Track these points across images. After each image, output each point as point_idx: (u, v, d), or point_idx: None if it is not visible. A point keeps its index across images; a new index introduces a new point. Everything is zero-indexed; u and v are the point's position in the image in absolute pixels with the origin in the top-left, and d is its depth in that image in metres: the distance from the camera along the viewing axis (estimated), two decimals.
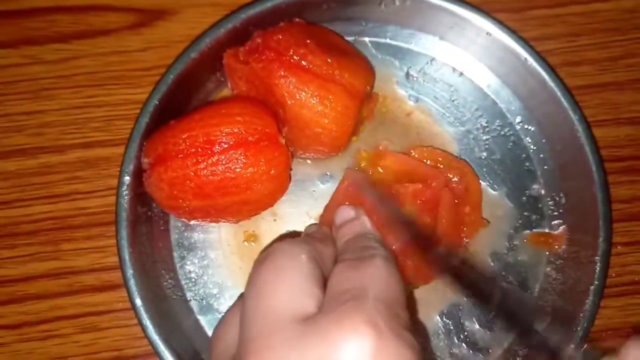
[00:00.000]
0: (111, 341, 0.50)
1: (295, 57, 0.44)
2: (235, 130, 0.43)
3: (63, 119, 0.52)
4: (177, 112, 0.47)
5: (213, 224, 0.50)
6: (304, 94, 0.44)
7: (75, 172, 0.51)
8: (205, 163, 0.43)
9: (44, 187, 0.51)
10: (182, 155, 0.43)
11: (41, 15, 0.53)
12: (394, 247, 0.45)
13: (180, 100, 0.50)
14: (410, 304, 0.49)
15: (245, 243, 0.50)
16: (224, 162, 0.43)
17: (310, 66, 0.44)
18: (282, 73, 0.44)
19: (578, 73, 0.54)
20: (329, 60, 0.45)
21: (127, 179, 0.46)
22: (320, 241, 0.40)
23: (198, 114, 0.45)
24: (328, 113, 0.45)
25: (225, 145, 0.43)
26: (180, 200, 0.44)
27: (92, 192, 0.51)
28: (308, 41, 0.45)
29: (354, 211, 0.44)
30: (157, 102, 0.47)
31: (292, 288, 0.33)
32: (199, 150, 0.43)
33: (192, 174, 0.43)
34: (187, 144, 0.43)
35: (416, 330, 0.43)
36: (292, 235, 0.50)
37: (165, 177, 0.43)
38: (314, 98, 0.44)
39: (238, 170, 0.43)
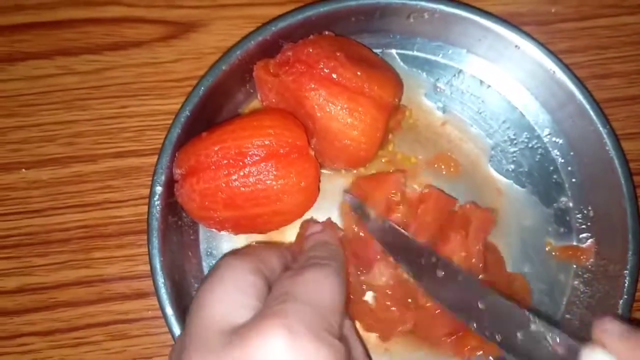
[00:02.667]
0: (141, 349, 0.50)
1: (325, 70, 0.45)
2: (267, 143, 0.43)
3: (95, 129, 0.52)
4: (208, 123, 0.48)
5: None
6: (333, 106, 0.44)
7: (107, 181, 0.52)
8: (236, 175, 0.43)
9: (76, 195, 0.51)
10: (214, 167, 0.43)
11: (75, 27, 0.53)
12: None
13: (211, 111, 0.50)
14: None
15: None
16: (255, 174, 0.43)
17: (340, 79, 0.45)
18: (312, 86, 0.44)
19: (606, 86, 0.54)
20: (359, 73, 0.45)
21: (158, 189, 0.46)
22: (271, 254, 0.40)
23: (230, 125, 0.45)
24: (357, 125, 0.45)
25: (257, 158, 0.43)
26: (212, 211, 0.44)
27: (124, 201, 0.51)
28: (338, 54, 0.45)
29: (321, 225, 0.46)
30: (188, 113, 0.47)
31: (227, 299, 0.35)
32: (231, 161, 0.43)
33: (224, 185, 0.43)
34: (219, 155, 0.43)
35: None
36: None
37: (198, 188, 0.44)
38: (344, 110, 0.45)
39: (269, 182, 0.43)
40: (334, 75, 0.45)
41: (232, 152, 0.43)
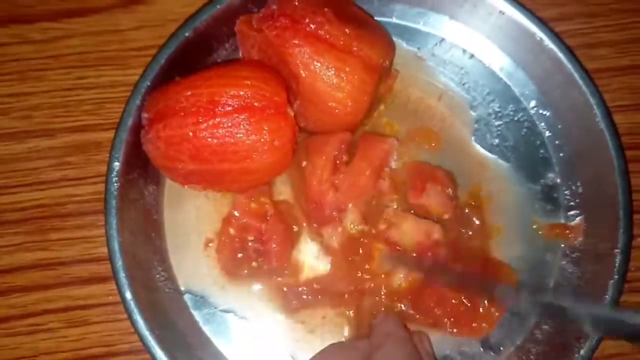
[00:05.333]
0: (102, 336, 0.47)
1: (311, 26, 0.42)
2: (242, 94, 0.40)
3: (52, 102, 0.49)
4: None
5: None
6: (318, 65, 0.42)
7: (65, 157, 0.48)
8: (205, 124, 0.40)
9: (32, 173, 0.48)
10: (183, 114, 0.40)
11: None
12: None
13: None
14: None
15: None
16: (225, 126, 0.40)
17: (327, 36, 0.42)
18: (297, 42, 0.41)
19: (595, 56, 0.51)
20: (347, 30, 0.42)
21: (116, 165, 0.43)
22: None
23: (206, 72, 0.42)
24: (343, 87, 0.42)
25: (229, 108, 0.40)
26: (177, 162, 0.42)
27: (82, 178, 0.48)
28: (326, 9, 0.42)
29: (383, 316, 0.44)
30: (149, 84, 0.44)
31: None
32: (201, 109, 0.40)
33: (191, 134, 0.40)
34: (190, 102, 0.40)
35: None
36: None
37: (163, 135, 0.41)
38: (329, 70, 0.42)
39: (239, 136, 0.40)
40: (321, 32, 0.42)
41: (204, 100, 0.40)
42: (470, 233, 0.47)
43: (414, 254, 0.45)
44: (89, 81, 0.49)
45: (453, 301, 0.44)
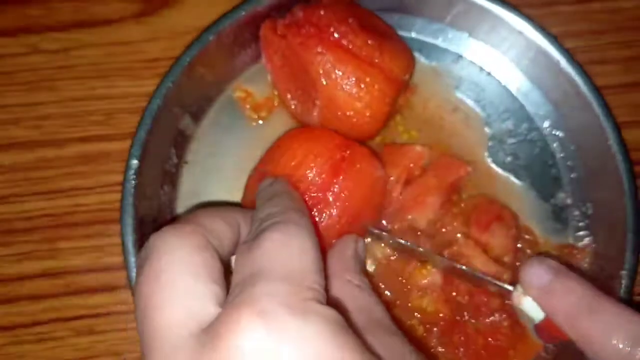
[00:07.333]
0: (109, 345, 0.48)
1: (335, 35, 0.43)
2: None
3: (62, 112, 0.50)
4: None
5: None
6: (340, 74, 0.43)
7: (74, 167, 0.50)
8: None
9: (41, 182, 0.49)
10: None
11: (41, 2, 0.51)
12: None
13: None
14: None
15: None
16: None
17: (350, 46, 0.43)
18: (320, 50, 0.43)
19: (601, 72, 0.52)
20: (370, 42, 0.44)
21: (135, 162, 0.44)
22: (214, 219, 0.33)
23: None
24: (363, 97, 0.44)
25: None
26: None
27: (91, 188, 0.50)
28: (350, 20, 0.44)
29: (272, 178, 0.40)
30: (170, 85, 0.44)
31: (180, 296, 0.28)
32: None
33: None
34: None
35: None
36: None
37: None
38: (350, 79, 0.43)
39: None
40: (344, 42, 0.43)
41: None
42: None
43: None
44: (99, 92, 0.51)
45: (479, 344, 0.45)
